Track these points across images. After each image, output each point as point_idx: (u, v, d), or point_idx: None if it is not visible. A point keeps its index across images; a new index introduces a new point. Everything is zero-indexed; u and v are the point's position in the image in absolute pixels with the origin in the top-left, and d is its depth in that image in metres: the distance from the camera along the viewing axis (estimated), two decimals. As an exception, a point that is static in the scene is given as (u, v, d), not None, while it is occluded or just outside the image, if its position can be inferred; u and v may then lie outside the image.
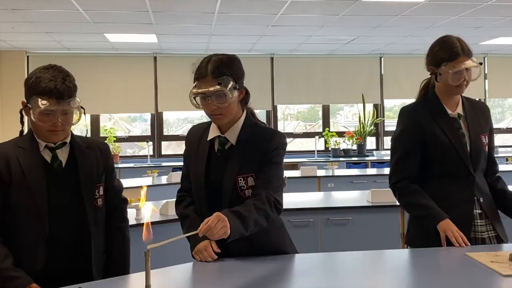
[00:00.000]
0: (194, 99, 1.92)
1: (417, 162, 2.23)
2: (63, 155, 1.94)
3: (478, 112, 2.31)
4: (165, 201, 3.47)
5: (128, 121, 9.38)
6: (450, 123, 2.22)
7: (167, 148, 8.40)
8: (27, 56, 7.68)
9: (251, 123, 2.01)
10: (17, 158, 1.86)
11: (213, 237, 1.70)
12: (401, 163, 2.25)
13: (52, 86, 1.82)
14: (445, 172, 2.21)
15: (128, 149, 8.76)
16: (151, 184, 5.06)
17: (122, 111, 8.47)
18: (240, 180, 1.93)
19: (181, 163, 6.92)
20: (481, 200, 2.20)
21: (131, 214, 3.24)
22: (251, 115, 2.06)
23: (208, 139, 2.00)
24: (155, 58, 8.04)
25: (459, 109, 2.26)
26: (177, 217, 3.20)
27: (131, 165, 7.42)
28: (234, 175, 1.93)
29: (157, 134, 8.18)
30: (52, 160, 1.91)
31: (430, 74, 2.29)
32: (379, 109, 8.68)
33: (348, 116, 9.80)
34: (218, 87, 1.86)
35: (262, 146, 1.95)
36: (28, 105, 1.85)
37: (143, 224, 1.53)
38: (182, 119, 8.87)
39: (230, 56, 1.97)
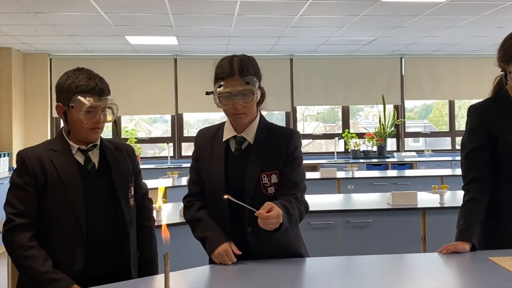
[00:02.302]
0: (218, 98, 1.91)
1: (485, 161, 2.11)
2: (94, 157, 1.98)
3: None
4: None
5: (149, 122, 9.47)
6: None
7: (187, 149, 8.45)
8: (50, 59, 7.81)
9: (267, 123, 2.04)
10: (51, 161, 1.88)
11: (264, 226, 1.76)
12: (469, 163, 2.15)
13: (93, 84, 1.91)
14: None
15: (149, 150, 8.84)
16: (171, 185, 5.09)
17: (143, 113, 8.54)
18: (264, 177, 1.93)
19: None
20: None
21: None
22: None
23: (224, 139, 1.99)
24: (175, 60, 8.10)
25: None
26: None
27: (152, 166, 7.48)
28: (257, 172, 1.93)
29: (177, 136, 8.24)
30: (85, 162, 1.95)
31: (501, 71, 2.15)
32: (399, 110, 8.59)
33: (368, 117, 9.73)
34: (247, 86, 1.88)
35: (283, 144, 1.97)
36: (72, 104, 1.89)
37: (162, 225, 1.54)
38: (202, 120, 8.90)
39: (251, 57, 1.99)
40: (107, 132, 8.02)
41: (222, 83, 1.90)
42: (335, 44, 7.44)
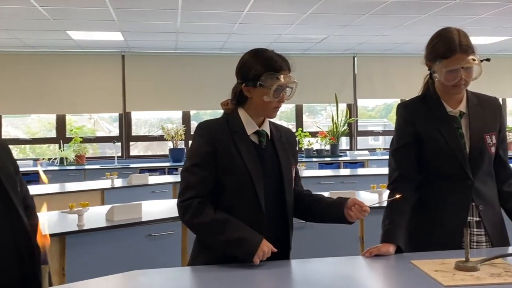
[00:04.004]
0: (274, 90, 1.89)
1: (411, 160, 2.08)
2: None
3: (487, 109, 2.08)
4: (110, 206, 3.31)
5: (109, 121, 9.19)
6: (448, 121, 2.04)
7: (147, 149, 8.22)
8: (-10, 55, 7.44)
9: None
10: None
11: (359, 217, 1.92)
12: (395, 162, 2.13)
13: None
14: (441, 175, 2.05)
15: (107, 149, 8.57)
16: (110, 187, 4.88)
17: (89, 111, 8.28)
18: (293, 169, 2.01)
19: (152, 164, 6.73)
20: (480, 208, 2.02)
21: (73, 219, 3.10)
22: None
23: (249, 133, 1.94)
24: (123, 56, 7.85)
25: (462, 107, 2.06)
26: (123, 223, 3.10)
27: (97, 166, 7.21)
28: (290, 164, 1.99)
29: (125, 135, 7.99)
30: None
31: (428, 70, 2.11)
32: (352, 109, 8.61)
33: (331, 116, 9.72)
34: (295, 80, 1.93)
35: (293, 141, 2.10)
36: None
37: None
38: (165, 118, 8.64)
39: None
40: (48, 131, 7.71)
41: (278, 75, 1.89)
42: (287, 42, 7.36)
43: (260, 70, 1.89)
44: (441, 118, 2.05)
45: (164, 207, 3.70)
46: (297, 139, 8.14)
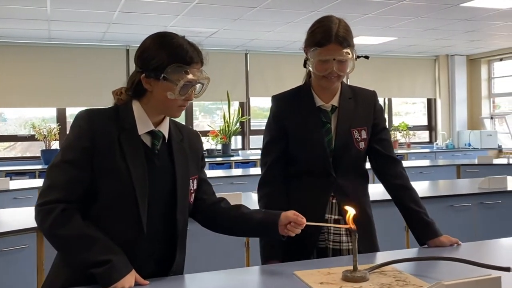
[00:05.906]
0: (181, 86, 1.56)
1: (277, 156, 2.00)
2: None
3: (360, 103, 2.00)
4: None
5: None
6: (316, 115, 1.96)
7: (26, 150, 7.34)
8: None
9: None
10: None
11: (297, 232, 1.66)
12: (263, 159, 2.05)
13: None
14: (305, 171, 1.97)
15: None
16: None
17: None
18: (191, 182, 1.67)
19: (22, 167, 5.91)
20: (342, 206, 1.90)
21: None
22: None
23: (141, 133, 1.58)
24: (-14, 46, 6.98)
25: (335, 100, 1.98)
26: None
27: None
28: (188, 175, 1.65)
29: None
30: None
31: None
32: (244, 107, 8.42)
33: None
34: (206, 75, 1.63)
35: (197, 146, 1.77)
36: None
37: None
38: (49, 118, 7.76)
39: None
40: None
41: (188, 69, 1.56)
42: (176, 36, 6.95)
43: (166, 60, 1.55)
44: (309, 111, 1.98)
45: (19, 216, 3.15)
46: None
